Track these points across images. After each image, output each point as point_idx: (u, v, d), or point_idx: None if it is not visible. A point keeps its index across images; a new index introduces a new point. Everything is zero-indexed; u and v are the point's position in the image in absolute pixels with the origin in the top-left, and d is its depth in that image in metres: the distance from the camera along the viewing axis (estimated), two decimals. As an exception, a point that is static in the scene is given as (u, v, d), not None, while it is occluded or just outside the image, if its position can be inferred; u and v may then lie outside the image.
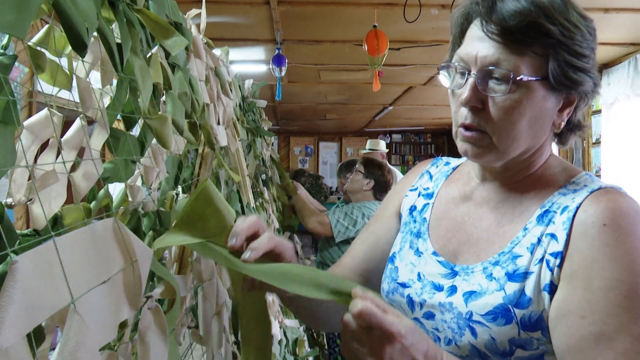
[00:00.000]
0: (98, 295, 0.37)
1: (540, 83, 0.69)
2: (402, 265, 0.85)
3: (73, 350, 0.31)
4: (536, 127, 0.72)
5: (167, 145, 0.67)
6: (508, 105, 0.69)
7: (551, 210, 0.71)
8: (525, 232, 0.72)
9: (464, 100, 0.71)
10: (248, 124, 1.79)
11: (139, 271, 0.43)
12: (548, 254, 0.68)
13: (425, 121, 8.97)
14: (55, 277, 0.32)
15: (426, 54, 3.98)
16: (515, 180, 0.78)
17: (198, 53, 0.98)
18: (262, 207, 1.82)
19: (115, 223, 0.42)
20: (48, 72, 0.62)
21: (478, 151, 0.73)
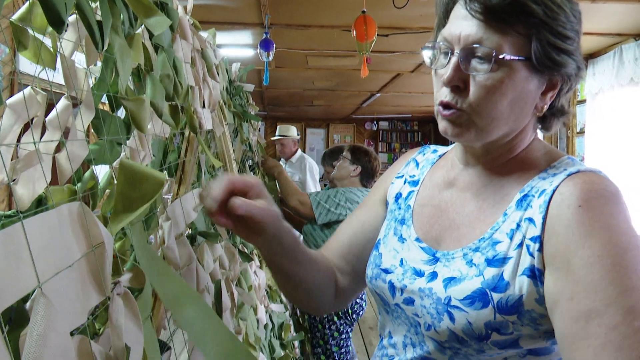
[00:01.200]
0: (66, 280, 0.36)
1: (523, 64, 0.69)
2: (385, 251, 0.85)
3: (43, 333, 0.31)
4: (517, 108, 0.72)
5: (142, 128, 0.66)
6: (490, 84, 0.69)
7: (530, 194, 0.71)
8: (505, 217, 0.72)
9: (446, 80, 0.71)
10: (235, 108, 1.77)
11: (104, 256, 0.43)
12: (527, 239, 0.68)
13: (413, 109, 9.00)
14: (22, 260, 0.32)
15: (414, 41, 3.98)
16: (497, 164, 0.78)
17: (184, 34, 0.96)
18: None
19: (80, 207, 0.42)
20: (31, 49, 0.61)
21: (457, 130, 0.73)
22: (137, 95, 0.65)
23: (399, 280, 0.80)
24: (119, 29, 0.60)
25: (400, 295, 0.79)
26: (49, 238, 0.35)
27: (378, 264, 0.85)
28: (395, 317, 0.82)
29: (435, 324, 0.72)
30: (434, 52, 0.75)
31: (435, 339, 0.73)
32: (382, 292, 0.83)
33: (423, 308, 0.74)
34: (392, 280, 0.81)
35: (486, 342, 0.69)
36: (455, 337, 0.70)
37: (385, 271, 0.83)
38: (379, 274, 0.84)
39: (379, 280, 0.83)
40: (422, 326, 0.75)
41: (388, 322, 0.86)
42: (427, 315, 0.74)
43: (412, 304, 0.77)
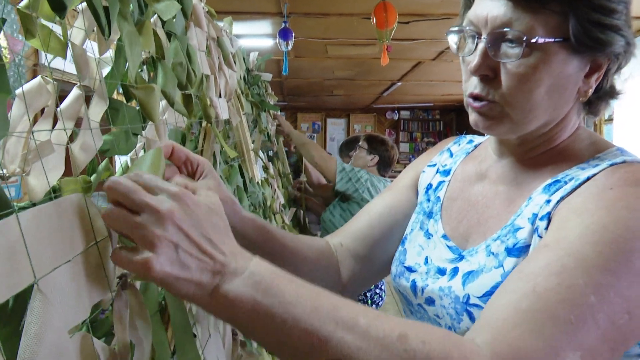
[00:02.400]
0: (65, 275, 0.35)
1: (560, 45, 0.61)
2: (410, 247, 0.80)
3: (38, 331, 0.29)
4: (556, 95, 0.65)
5: (153, 117, 0.64)
6: (522, 71, 0.62)
7: (562, 180, 0.65)
8: (528, 201, 0.66)
9: (473, 68, 0.64)
10: (253, 97, 1.76)
11: (108, 250, 0.41)
12: (538, 220, 0.62)
13: (434, 97, 8.87)
14: (17, 254, 0.30)
15: (436, 28, 3.90)
16: (533, 155, 0.71)
17: (198, 21, 0.94)
18: (267, 183, 1.81)
19: (82, 199, 0.40)
20: (39, 37, 0.60)
21: (489, 123, 0.67)
22: (147, 84, 0.64)
23: (423, 280, 0.75)
24: (127, 16, 0.59)
25: (421, 295, 0.74)
26: (47, 231, 0.34)
27: (402, 261, 0.80)
28: (419, 318, 0.77)
29: (455, 325, 0.67)
30: (459, 37, 0.69)
31: None
32: (405, 291, 0.78)
33: (443, 308, 0.70)
34: (415, 279, 0.76)
35: None
36: None
37: (408, 269, 0.78)
38: (402, 272, 0.79)
39: (402, 279, 0.79)
40: (443, 328, 0.70)
41: None
42: (446, 316, 0.69)
43: (432, 304, 0.72)
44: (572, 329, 0.48)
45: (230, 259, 0.46)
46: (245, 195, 1.23)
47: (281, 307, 0.45)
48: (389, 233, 0.87)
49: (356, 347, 0.44)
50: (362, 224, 0.89)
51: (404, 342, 0.45)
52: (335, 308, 0.47)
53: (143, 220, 0.42)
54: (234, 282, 0.45)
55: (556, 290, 0.51)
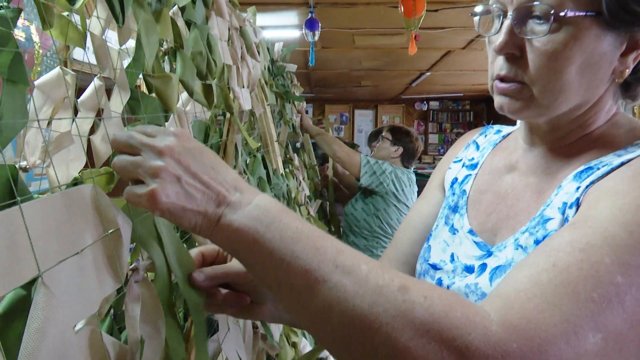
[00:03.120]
0: (72, 268, 0.34)
1: (592, 19, 0.57)
2: (435, 243, 0.77)
3: (41, 327, 0.29)
4: (589, 75, 0.60)
5: (170, 107, 0.63)
6: (551, 49, 0.58)
7: (595, 167, 0.60)
8: (558, 190, 0.62)
9: (498, 47, 0.61)
10: (277, 88, 1.74)
11: (120, 242, 0.40)
12: (567, 208, 0.58)
13: (464, 87, 8.69)
14: (21, 246, 0.29)
15: (465, 16, 3.80)
16: (566, 143, 0.67)
17: (220, 11, 0.93)
18: (292, 174, 1.80)
19: (93, 190, 0.39)
20: (57, 27, 0.59)
21: (516, 105, 0.63)
22: (164, 73, 0.63)
23: (449, 278, 0.71)
24: (144, 3, 0.58)
25: None
26: (54, 223, 0.33)
27: (427, 259, 0.77)
28: None
29: None
30: (485, 17, 0.65)
31: None
32: None
33: None
34: (441, 278, 0.73)
35: None
36: None
37: (433, 267, 0.75)
38: (426, 270, 0.76)
39: (427, 277, 0.75)
40: None
41: None
42: None
43: None
44: (595, 308, 0.44)
45: (234, 191, 0.48)
46: (269, 186, 1.22)
47: (282, 242, 0.44)
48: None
49: (353, 291, 0.42)
50: (404, 244, 0.86)
51: (404, 293, 0.42)
52: (337, 252, 0.45)
53: (144, 157, 0.45)
54: (239, 212, 0.46)
55: (579, 266, 0.46)
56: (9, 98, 0.51)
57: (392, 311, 0.41)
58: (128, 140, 0.47)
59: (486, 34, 0.66)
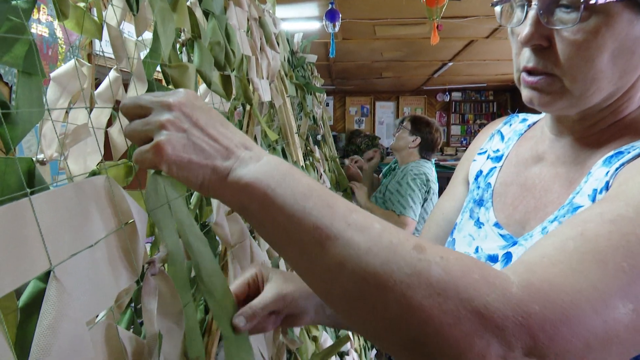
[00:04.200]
0: (85, 261, 0.33)
1: (624, 4, 0.54)
2: (459, 237, 0.75)
3: (53, 322, 0.28)
4: (622, 62, 0.56)
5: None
6: (581, 38, 0.55)
7: (624, 152, 0.58)
8: (588, 177, 0.60)
9: (524, 39, 0.58)
10: (297, 79, 1.72)
11: (135, 234, 0.39)
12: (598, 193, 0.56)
13: (487, 77, 8.54)
14: (31, 239, 0.28)
15: (489, 4, 3.71)
16: (596, 131, 0.64)
17: (238, 1, 0.92)
18: (313, 167, 1.78)
19: (106, 181, 0.38)
20: (73, 19, 0.59)
21: (547, 99, 0.60)
22: (181, 62, 0.61)
23: None
24: (160, -8, 0.57)
25: None
26: (66, 215, 0.32)
27: None
28: None
29: None
30: (507, 6, 0.62)
31: None
32: None
33: None
34: None
35: None
36: None
37: None
38: None
39: None
40: None
41: None
42: None
43: None
44: (625, 278, 0.41)
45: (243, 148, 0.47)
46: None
47: (293, 198, 0.43)
48: None
49: (366, 247, 0.40)
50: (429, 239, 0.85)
51: (419, 252, 0.40)
52: (349, 210, 0.43)
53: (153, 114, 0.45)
54: (249, 166, 0.45)
55: (608, 237, 0.44)
56: (25, 90, 0.51)
57: (406, 269, 0.39)
58: (137, 101, 0.46)
59: (509, 25, 0.63)
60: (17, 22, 0.48)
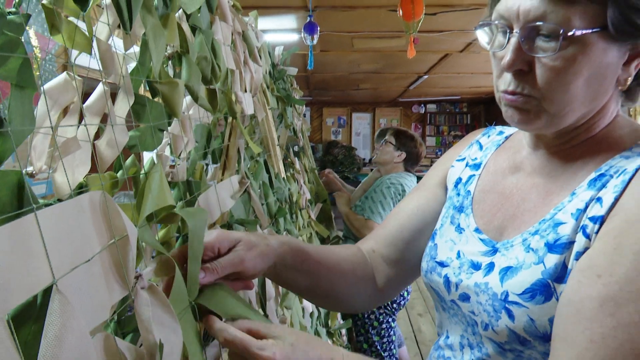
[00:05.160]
0: (85, 274, 0.34)
1: (598, 34, 0.58)
2: (441, 242, 0.78)
3: (58, 333, 0.29)
4: (595, 86, 0.62)
5: (176, 112, 0.63)
6: (560, 65, 0.59)
7: (607, 174, 0.62)
8: (572, 197, 0.63)
9: (507, 65, 0.62)
10: (278, 92, 1.74)
11: (127, 249, 0.40)
12: (587, 219, 0.59)
13: (462, 90, 8.72)
14: (36, 254, 0.29)
15: (464, 19, 3.81)
16: (571, 146, 0.69)
17: (223, 15, 0.93)
18: (293, 178, 1.80)
19: (102, 197, 0.39)
20: (65, 33, 0.59)
21: (525, 117, 0.64)
22: (171, 78, 0.63)
23: (455, 275, 0.73)
24: (152, 9, 0.58)
25: (455, 291, 0.72)
26: (66, 230, 0.33)
27: (433, 256, 0.78)
28: (452, 314, 0.75)
29: (493, 323, 0.65)
30: (489, 31, 0.66)
31: (494, 340, 0.66)
32: (438, 287, 0.76)
33: (479, 305, 0.67)
34: (447, 274, 0.74)
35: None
36: (516, 337, 0.62)
37: (440, 264, 0.76)
38: (434, 267, 0.77)
39: (434, 274, 0.77)
40: (479, 325, 0.67)
41: (445, 320, 0.78)
42: (483, 313, 0.66)
43: (467, 300, 0.70)
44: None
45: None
46: (271, 191, 1.22)
47: None
48: (419, 234, 0.85)
49: None
50: (392, 227, 0.88)
51: None
52: None
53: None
54: None
55: (612, 336, 0.51)
56: (18, 103, 0.51)
57: None
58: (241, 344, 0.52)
59: (491, 49, 0.67)
60: (11, 36, 0.49)
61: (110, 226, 0.40)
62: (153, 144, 0.77)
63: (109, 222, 0.41)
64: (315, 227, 2.05)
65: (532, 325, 0.61)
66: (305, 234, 1.82)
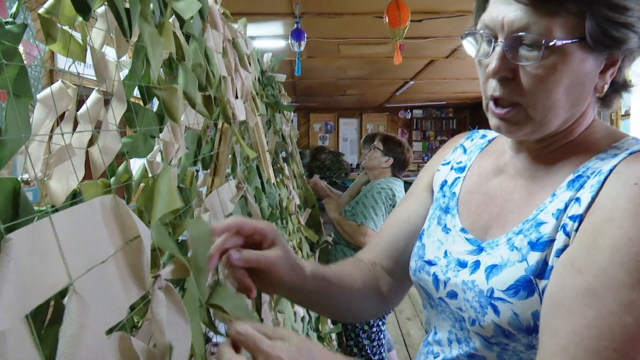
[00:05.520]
0: (100, 275, 0.35)
1: (577, 45, 0.62)
2: (429, 242, 0.81)
3: (76, 333, 0.29)
4: (575, 93, 0.66)
5: (176, 118, 0.64)
6: (542, 73, 0.63)
7: (584, 175, 0.66)
8: (553, 198, 0.67)
9: (492, 71, 0.65)
10: (267, 98, 1.75)
11: (141, 250, 0.41)
12: (567, 217, 0.63)
13: (448, 95, 8.81)
14: (52, 256, 0.30)
15: (449, 26, 3.87)
16: (552, 149, 0.72)
17: (214, 23, 0.94)
18: (283, 184, 1.81)
19: (113, 200, 0.40)
20: (60, 42, 0.60)
21: (513, 127, 0.68)
22: (170, 84, 0.63)
23: (443, 273, 0.76)
24: (148, 17, 0.59)
25: (443, 288, 0.75)
26: (80, 233, 0.34)
27: (421, 256, 0.81)
28: (440, 311, 0.78)
29: (480, 318, 0.68)
30: (475, 40, 0.70)
31: (481, 334, 0.69)
32: (426, 285, 0.79)
33: (466, 302, 0.71)
34: (436, 272, 0.77)
35: (535, 335, 0.64)
36: (502, 331, 0.66)
37: (428, 263, 0.79)
38: (422, 266, 0.80)
39: (423, 273, 0.80)
40: (466, 321, 0.71)
41: (433, 317, 0.82)
42: (470, 309, 0.70)
43: (455, 297, 0.73)
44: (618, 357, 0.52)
45: None
46: (264, 196, 1.23)
47: None
48: (413, 242, 0.88)
49: None
50: (388, 239, 0.92)
51: None
52: None
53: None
54: None
55: (593, 325, 0.54)
56: (14, 111, 0.52)
57: None
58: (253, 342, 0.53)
59: (476, 57, 0.70)
60: (9, 45, 0.49)
61: (123, 228, 0.41)
62: (145, 150, 0.78)
63: (122, 224, 0.41)
64: (305, 233, 2.06)
65: (516, 320, 0.64)
66: (295, 239, 1.82)
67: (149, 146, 0.78)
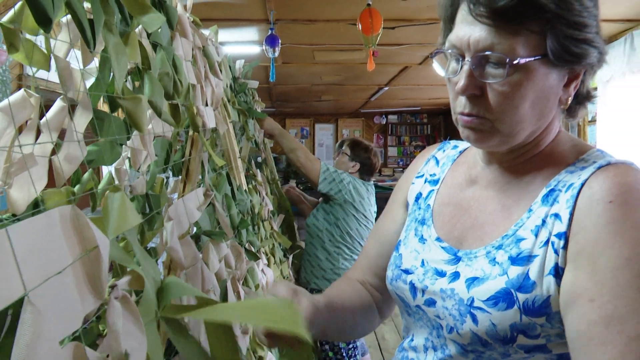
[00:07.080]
0: (57, 286, 0.35)
1: (540, 61, 0.65)
2: (406, 252, 0.83)
3: (30, 342, 0.30)
4: (540, 107, 0.69)
5: (140, 127, 0.64)
6: (508, 89, 0.66)
7: (556, 189, 0.68)
8: (529, 213, 0.69)
9: (461, 89, 0.67)
10: (239, 105, 1.76)
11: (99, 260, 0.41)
12: (553, 236, 0.65)
13: (422, 101, 8.92)
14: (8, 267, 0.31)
15: (422, 33, 3.93)
16: (522, 161, 0.75)
17: (184, 32, 0.95)
18: (255, 190, 1.81)
19: (72, 210, 0.40)
20: (22, 51, 0.60)
21: (480, 136, 0.70)
22: (134, 94, 0.64)
23: (420, 281, 0.77)
24: (113, 28, 0.59)
25: (421, 296, 0.77)
26: (38, 243, 0.34)
27: (398, 265, 0.83)
28: (417, 319, 0.80)
29: (458, 326, 0.70)
30: (443, 58, 0.73)
31: (457, 342, 0.71)
32: (403, 293, 0.80)
33: (445, 309, 0.72)
34: (412, 280, 0.79)
35: (512, 345, 0.66)
36: (479, 339, 0.68)
37: (405, 272, 0.81)
38: (399, 275, 0.82)
39: (400, 282, 0.81)
40: (444, 328, 0.73)
41: (411, 324, 0.83)
42: (449, 317, 0.71)
43: (433, 305, 0.74)
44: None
45: None
46: (234, 203, 1.23)
47: None
48: None
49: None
50: (371, 257, 0.95)
51: None
52: None
53: None
54: None
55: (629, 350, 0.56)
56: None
57: None
58: None
59: (446, 75, 0.73)
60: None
61: (81, 238, 0.41)
62: (112, 158, 0.78)
63: (81, 234, 0.42)
64: (278, 239, 2.06)
65: (494, 330, 0.66)
66: (268, 245, 1.83)
67: (116, 154, 0.77)
